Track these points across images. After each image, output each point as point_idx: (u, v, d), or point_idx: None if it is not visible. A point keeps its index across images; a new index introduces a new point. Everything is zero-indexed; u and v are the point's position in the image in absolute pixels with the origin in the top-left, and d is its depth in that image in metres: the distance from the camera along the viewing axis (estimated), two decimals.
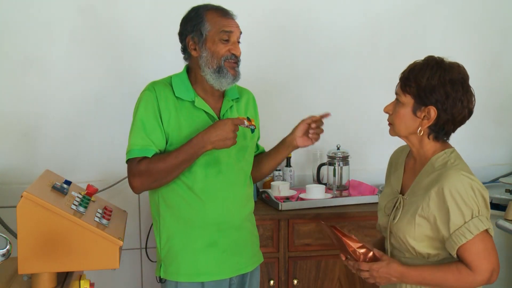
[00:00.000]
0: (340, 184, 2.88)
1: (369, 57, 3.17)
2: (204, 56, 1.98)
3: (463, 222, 1.65)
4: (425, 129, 1.75)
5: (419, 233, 1.72)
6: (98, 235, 1.72)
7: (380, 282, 1.76)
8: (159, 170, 1.93)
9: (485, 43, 3.27)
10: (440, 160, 1.75)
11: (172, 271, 2.02)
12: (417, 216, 1.71)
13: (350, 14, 3.13)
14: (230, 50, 1.99)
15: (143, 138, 1.96)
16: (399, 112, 1.76)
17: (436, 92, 1.69)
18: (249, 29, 3.03)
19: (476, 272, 1.66)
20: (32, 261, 1.68)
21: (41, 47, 2.82)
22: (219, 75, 1.98)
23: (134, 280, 2.97)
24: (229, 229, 2.03)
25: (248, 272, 2.10)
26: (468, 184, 1.66)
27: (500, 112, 3.35)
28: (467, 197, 1.65)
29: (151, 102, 1.99)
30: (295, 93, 3.12)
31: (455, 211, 1.65)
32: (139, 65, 2.91)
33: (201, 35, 1.97)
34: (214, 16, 1.99)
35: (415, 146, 1.81)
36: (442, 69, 1.71)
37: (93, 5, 2.85)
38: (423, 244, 1.73)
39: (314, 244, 2.66)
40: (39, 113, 2.85)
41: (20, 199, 1.66)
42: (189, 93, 2.02)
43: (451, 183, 1.66)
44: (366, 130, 3.20)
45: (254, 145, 2.17)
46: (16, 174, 2.82)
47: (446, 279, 1.69)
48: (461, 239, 1.65)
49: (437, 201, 1.68)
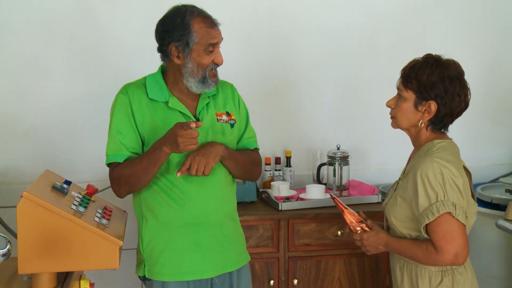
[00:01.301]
0: (340, 184, 2.88)
1: (368, 57, 3.17)
2: (189, 67, 1.96)
3: (428, 204, 1.80)
4: (425, 122, 1.90)
5: (400, 213, 1.91)
6: (98, 235, 1.72)
7: (369, 251, 2.02)
8: (128, 175, 1.96)
9: (485, 43, 3.27)
10: (427, 147, 1.89)
11: (157, 271, 2.03)
12: (398, 197, 1.91)
13: (350, 14, 3.12)
14: (214, 60, 1.98)
15: (116, 143, 1.98)
16: (401, 106, 1.91)
17: (436, 88, 1.85)
18: (249, 29, 3.05)
19: (439, 252, 1.80)
20: (32, 261, 1.68)
21: (41, 47, 2.82)
22: (203, 84, 1.98)
23: (134, 280, 2.96)
24: (210, 228, 2.03)
25: (234, 270, 2.10)
26: (438, 170, 1.79)
27: (500, 112, 3.35)
28: (434, 181, 1.79)
29: (124, 106, 1.99)
30: (294, 93, 3.12)
31: (422, 193, 1.81)
32: (139, 65, 2.90)
33: (187, 46, 1.94)
34: (202, 27, 1.95)
35: (412, 136, 1.97)
36: (440, 66, 1.86)
37: (93, 6, 2.85)
38: (403, 225, 1.91)
39: (314, 244, 2.66)
40: (39, 113, 2.85)
41: (20, 199, 1.66)
42: (164, 93, 2.02)
43: (423, 168, 1.81)
44: (366, 130, 3.20)
45: (234, 141, 2.14)
46: (16, 174, 2.82)
47: (416, 254, 1.86)
48: (425, 220, 1.80)
49: (412, 184, 1.85)
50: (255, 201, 2.79)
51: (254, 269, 2.61)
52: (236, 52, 3.01)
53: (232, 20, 2.98)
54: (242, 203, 2.72)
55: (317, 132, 3.15)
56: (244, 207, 2.69)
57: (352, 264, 2.69)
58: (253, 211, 2.64)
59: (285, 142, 3.13)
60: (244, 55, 3.04)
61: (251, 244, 2.59)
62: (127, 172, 1.96)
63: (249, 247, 2.55)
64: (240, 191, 2.69)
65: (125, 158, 1.98)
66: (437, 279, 1.87)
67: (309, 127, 3.15)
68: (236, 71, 2.97)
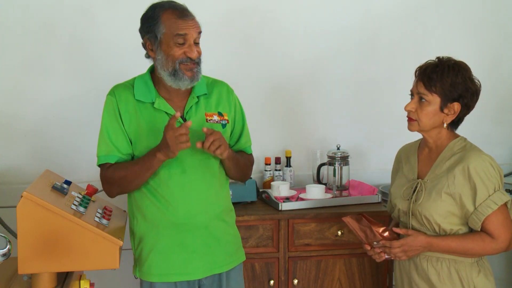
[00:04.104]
0: (340, 184, 2.87)
1: (368, 57, 3.17)
2: (159, 59, 1.95)
3: (487, 195, 1.88)
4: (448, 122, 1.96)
5: (444, 209, 1.93)
6: (98, 235, 1.73)
7: (410, 256, 1.98)
8: (120, 177, 1.98)
9: (485, 43, 3.27)
10: (457, 145, 1.98)
11: (145, 271, 2.05)
12: (442, 193, 1.93)
13: (349, 15, 3.12)
14: (186, 53, 1.93)
15: (107, 144, 2.00)
16: (426, 109, 1.95)
17: (460, 89, 1.92)
18: (249, 29, 3.05)
19: (498, 240, 1.89)
20: (32, 261, 1.68)
21: (41, 47, 2.82)
22: (175, 78, 1.95)
23: (134, 280, 2.96)
24: (196, 229, 2.03)
25: (223, 272, 2.09)
26: (489, 163, 1.90)
27: (500, 112, 3.35)
28: (490, 173, 1.88)
29: (112, 107, 2.01)
30: (294, 93, 3.12)
31: (481, 186, 1.88)
32: (138, 65, 2.90)
33: (156, 38, 1.94)
34: (170, 18, 1.92)
35: (432, 137, 2.01)
36: (461, 68, 1.94)
37: (93, 6, 2.85)
38: (447, 221, 1.94)
39: (314, 244, 2.66)
40: (39, 113, 2.85)
41: (20, 199, 1.66)
42: (150, 94, 2.01)
43: (475, 162, 1.89)
44: (366, 130, 3.19)
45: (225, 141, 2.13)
46: (16, 174, 2.82)
47: (471, 247, 1.91)
48: (487, 210, 1.87)
49: (462, 179, 1.90)
50: (255, 201, 2.79)
51: (254, 269, 2.61)
52: (236, 52, 3.02)
53: (232, 20, 2.99)
54: (242, 203, 2.72)
55: (317, 132, 3.15)
56: (244, 207, 2.69)
57: (352, 264, 2.69)
58: (253, 211, 2.64)
59: (285, 142, 3.13)
60: (244, 55, 3.04)
61: (251, 244, 2.59)
62: (120, 174, 1.98)
63: (249, 247, 2.55)
64: (240, 191, 2.69)
65: (116, 159, 2.00)
66: (476, 269, 1.95)
67: (309, 127, 3.15)
68: (236, 71, 2.98)
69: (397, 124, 3.27)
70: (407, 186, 2.06)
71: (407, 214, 2.02)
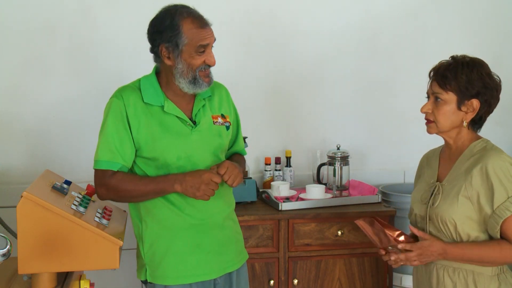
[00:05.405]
0: (340, 184, 2.87)
1: (368, 57, 3.17)
2: (180, 68, 1.93)
3: (506, 197, 1.77)
4: (468, 121, 1.88)
5: (461, 213, 1.82)
6: (98, 235, 1.73)
7: (423, 262, 1.88)
8: (125, 190, 1.95)
9: (485, 43, 3.27)
10: (478, 146, 1.89)
11: (159, 275, 2.01)
12: (460, 196, 1.83)
13: (349, 15, 3.12)
14: (205, 61, 1.94)
15: (112, 150, 1.95)
16: (443, 109, 1.87)
17: (476, 85, 1.84)
18: (250, 30, 3.05)
19: None
20: (32, 261, 1.68)
21: (41, 47, 2.82)
22: (194, 85, 1.95)
23: (134, 280, 2.96)
24: (211, 229, 2.02)
25: (234, 270, 2.10)
26: (509, 163, 1.80)
27: (500, 112, 3.32)
28: (510, 174, 1.78)
29: (120, 111, 1.96)
30: (294, 93, 3.12)
31: (499, 186, 1.77)
32: (139, 65, 2.90)
33: (176, 47, 1.91)
34: (191, 28, 1.90)
35: (452, 138, 1.92)
36: (476, 64, 1.87)
37: (93, 6, 2.85)
38: (464, 225, 1.83)
39: (314, 244, 2.66)
40: (39, 113, 2.85)
41: (20, 199, 1.66)
42: (159, 97, 1.99)
43: (494, 162, 1.80)
44: (366, 130, 3.20)
45: (227, 143, 2.13)
46: (16, 174, 2.82)
47: (488, 255, 1.80)
48: (506, 213, 1.76)
49: (479, 179, 1.80)
50: (255, 201, 2.79)
51: (254, 269, 2.61)
52: (236, 52, 3.02)
53: (232, 20, 2.99)
54: (242, 203, 2.72)
55: (317, 132, 3.15)
56: (244, 207, 2.69)
57: (352, 264, 2.69)
58: (253, 211, 2.64)
59: (285, 142, 3.13)
60: (244, 55, 3.04)
61: (251, 244, 2.59)
62: (127, 187, 1.94)
63: (249, 247, 2.55)
64: (240, 191, 2.68)
65: (119, 167, 1.96)
66: (495, 283, 1.83)
67: (309, 127, 3.15)
68: (236, 71, 2.98)
69: (397, 124, 3.29)
70: (425, 189, 1.98)
71: (424, 219, 1.93)
